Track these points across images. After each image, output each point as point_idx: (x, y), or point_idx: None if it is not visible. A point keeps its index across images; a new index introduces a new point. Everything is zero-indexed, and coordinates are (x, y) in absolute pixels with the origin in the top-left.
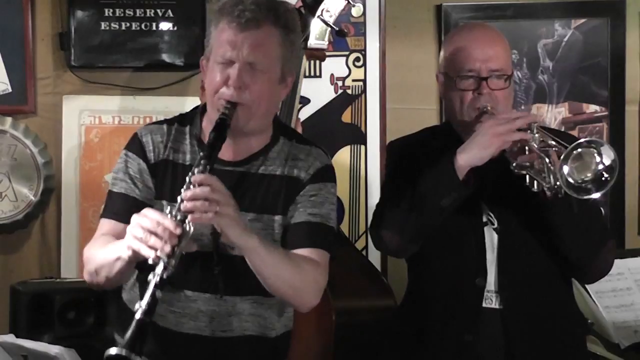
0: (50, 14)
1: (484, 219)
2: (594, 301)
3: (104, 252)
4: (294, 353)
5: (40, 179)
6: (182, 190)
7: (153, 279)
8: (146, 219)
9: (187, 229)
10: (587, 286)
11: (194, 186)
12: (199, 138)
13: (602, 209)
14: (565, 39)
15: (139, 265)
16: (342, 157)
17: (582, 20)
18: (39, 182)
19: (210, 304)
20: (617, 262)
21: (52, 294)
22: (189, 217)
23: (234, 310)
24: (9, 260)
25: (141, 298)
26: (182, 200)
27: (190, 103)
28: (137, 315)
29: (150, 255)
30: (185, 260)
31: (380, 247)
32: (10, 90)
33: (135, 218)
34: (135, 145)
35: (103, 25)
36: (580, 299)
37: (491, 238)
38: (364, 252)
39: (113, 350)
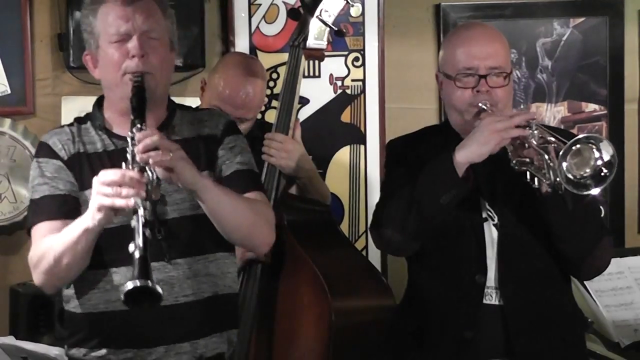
0: (48, 15)
1: (484, 215)
2: (594, 300)
3: (62, 237)
4: (294, 353)
5: None
6: (129, 149)
7: (137, 223)
8: (109, 174)
9: (151, 175)
10: (587, 285)
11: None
12: (104, 127)
13: (601, 207)
14: (564, 38)
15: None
16: (342, 157)
17: (581, 19)
18: None
19: (165, 272)
20: (617, 260)
21: (52, 296)
22: (150, 161)
23: (190, 273)
24: (8, 261)
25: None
26: (133, 156)
27: (189, 103)
28: (137, 254)
29: (127, 204)
30: (128, 237)
31: (380, 246)
32: (9, 91)
33: (96, 179)
34: (43, 150)
35: None
36: (580, 298)
37: (491, 234)
38: (364, 252)
39: (130, 285)
